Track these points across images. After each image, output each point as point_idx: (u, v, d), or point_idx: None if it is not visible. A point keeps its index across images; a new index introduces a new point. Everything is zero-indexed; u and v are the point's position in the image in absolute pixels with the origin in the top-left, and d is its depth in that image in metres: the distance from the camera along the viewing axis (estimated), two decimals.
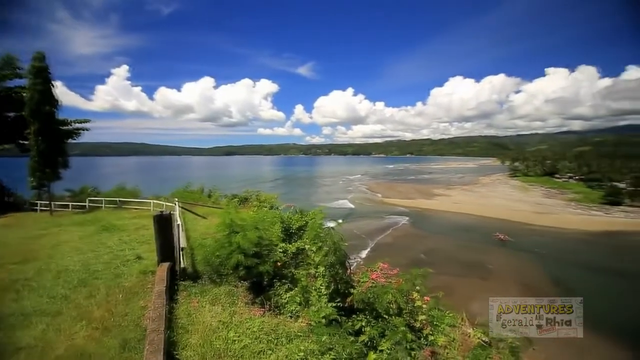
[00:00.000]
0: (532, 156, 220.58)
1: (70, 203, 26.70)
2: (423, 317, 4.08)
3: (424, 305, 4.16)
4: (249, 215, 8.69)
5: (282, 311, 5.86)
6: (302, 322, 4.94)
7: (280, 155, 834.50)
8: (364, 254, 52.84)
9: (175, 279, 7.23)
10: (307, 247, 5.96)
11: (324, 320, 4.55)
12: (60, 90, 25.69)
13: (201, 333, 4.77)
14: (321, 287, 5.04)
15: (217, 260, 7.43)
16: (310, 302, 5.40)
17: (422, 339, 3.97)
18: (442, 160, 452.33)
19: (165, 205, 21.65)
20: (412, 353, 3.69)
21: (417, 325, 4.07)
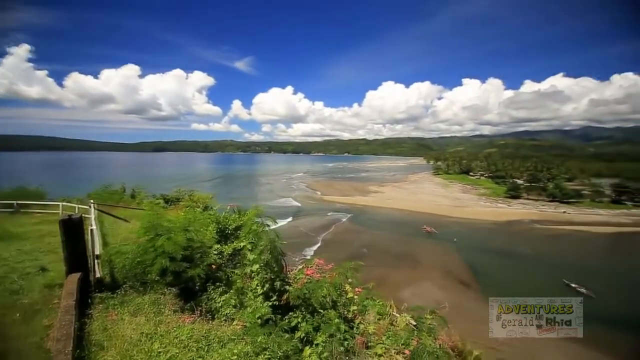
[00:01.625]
0: (451, 156, 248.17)
1: None
2: (355, 307, 4.26)
3: (356, 297, 4.35)
4: (178, 217, 8.06)
5: (216, 316, 5.57)
6: (236, 324, 4.77)
7: (217, 153, 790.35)
8: (312, 250, 53.71)
9: (89, 291, 6.37)
10: (241, 244, 5.76)
11: (259, 321, 4.45)
12: None
13: (119, 348, 4.27)
14: (257, 287, 4.92)
15: (140, 267, 6.72)
16: (245, 303, 5.24)
17: (354, 328, 4.15)
18: (377, 159, 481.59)
19: (79, 208, 18.85)
20: (345, 343, 3.83)
21: (350, 316, 4.24)
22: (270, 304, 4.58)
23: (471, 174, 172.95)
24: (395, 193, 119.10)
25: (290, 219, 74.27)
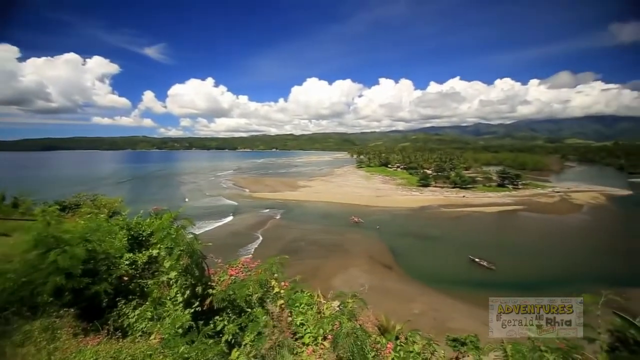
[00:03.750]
0: (372, 150, 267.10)
1: None
2: (282, 302, 4.30)
3: (282, 291, 4.39)
4: (76, 226, 6.91)
5: (129, 332, 4.99)
6: (154, 339, 4.35)
7: (127, 150, 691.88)
8: (252, 248, 52.32)
9: None
10: (154, 252, 5.22)
11: (180, 330, 4.14)
12: None
13: None
14: (177, 295, 4.56)
15: (27, 289, 5.58)
16: (164, 314, 4.82)
17: (282, 322, 4.19)
18: (304, 155, 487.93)
19: None
20: (273, 338, 3.84)
21: (277, 311, 4.26)
22: (192, 310, 4.30)
23: (389, 166, 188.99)
24: (323, 187, 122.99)
25: (223, 218, 71.00)
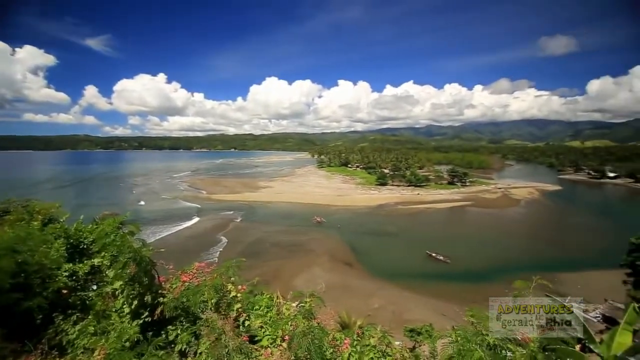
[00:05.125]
0: (332, 150, 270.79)
1: None
2: (239, 305, 4.20)
3: (239, 295, 4.29)
4: (2, 236, 6.12)
5: (70, 350, 4.55)
6: (98, 355, 4.02)
7: (67, 151, 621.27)
8: (215, 251, 50.80)
9: None
10: (97, 261, 4.80)
11: (128, 344, 3.87)
12: None
13: None
14: (123, 306, 4.25)
15: None
16: (109, 328, 4.46)
17: (240, 327, 4.10)
18: (265, 155, 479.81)
19: None
20: (231, 344, 3.75)
21: (235, 315, 4.16)
22: (141, 322, 4.04)
23: (349, 165, 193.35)
24: (284, 187, 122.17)
25: (182, 222, 67.45)
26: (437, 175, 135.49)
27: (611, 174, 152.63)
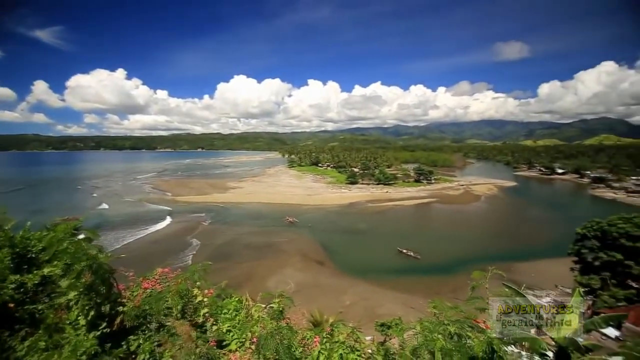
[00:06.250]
0: (302, 150, 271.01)
1: None
2: (205, 310, 4.08)
3: (206, 299, 4.16)
4: None
5: None
6: None
7: (12, 151, 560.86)
8: (189, 254, 48.95)
9: None
10: (46, 271, 4.41)
11: (84, 357, 3.61)
12: None
13: None
14: (78, 318, 3.95)
15: None
16: (63, 341, 4.14)
17: (207, 332, 3.98)
18: (234, 155, 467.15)
19: None
20: (197, 350, 3.63)
21: (201, 321, 4.03)
22: (99, 333, 3.78)
23: (320, 165, 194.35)
24: (254, 187, 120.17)
25: (148, 226, 63.94)
26: (405, 173, 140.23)
27: (560, 170, 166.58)
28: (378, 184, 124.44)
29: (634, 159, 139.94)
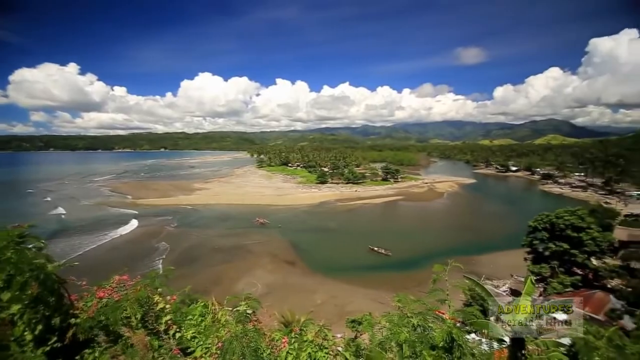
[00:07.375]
0: (272, 150, 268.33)
1: None
2: (168, 318, 3.91)
3: (168, 306, 3.99)
4: None
5: None
6: None
7: None
8: (156, 259, 46.26)
9: None
10: None
11: None
12: None
13: None
14: (24, 333, 3.62)
15: None
16: (8, 359, 3.77)
17: (170, 339, 3.82)
18: (199, 155, 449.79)
19: None
20: (159, 359, 3.48)
21: (163, 328, 3.86)
22: (48, 348, 3.49)
23: (289, 164, 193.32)
24: (222, 188, 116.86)
25: (108, 232, 59.66)
26: (373, 172, 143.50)
27: (513, 168, 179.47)
28: (347, 183, 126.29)
29: (577, 157, 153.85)
